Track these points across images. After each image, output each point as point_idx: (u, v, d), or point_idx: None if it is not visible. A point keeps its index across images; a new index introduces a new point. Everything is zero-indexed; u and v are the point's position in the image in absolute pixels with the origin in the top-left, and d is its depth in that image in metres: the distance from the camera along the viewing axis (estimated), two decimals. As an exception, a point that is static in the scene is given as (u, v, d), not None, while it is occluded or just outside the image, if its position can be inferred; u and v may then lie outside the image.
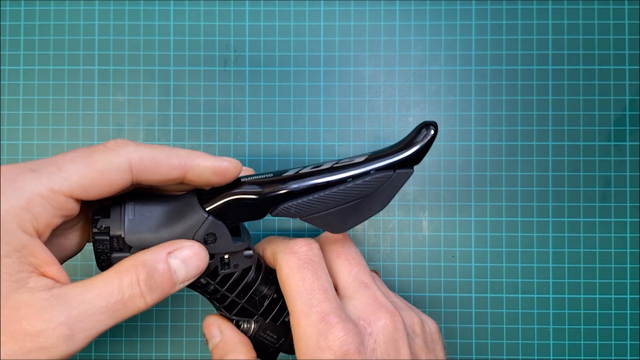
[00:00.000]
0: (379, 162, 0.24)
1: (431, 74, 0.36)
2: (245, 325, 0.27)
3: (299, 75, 0.36)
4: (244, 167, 0.27)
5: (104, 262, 0.24)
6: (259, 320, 0.27)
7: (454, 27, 0.36)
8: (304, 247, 0.25)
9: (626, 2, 0.35)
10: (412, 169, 0.25)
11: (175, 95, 0.36)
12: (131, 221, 0.23)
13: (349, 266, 0.26)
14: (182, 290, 0.35)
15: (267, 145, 0.36)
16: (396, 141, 0.25)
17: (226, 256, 0.25)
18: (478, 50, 0.36)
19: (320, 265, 0.25)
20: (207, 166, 0.23)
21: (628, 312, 0.35)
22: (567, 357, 0.35)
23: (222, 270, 0.25)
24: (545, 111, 0.35)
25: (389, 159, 0.24)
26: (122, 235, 0.23)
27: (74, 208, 0.22)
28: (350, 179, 0.24)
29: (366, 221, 0.35)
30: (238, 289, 0.26)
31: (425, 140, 0.24)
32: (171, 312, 0.35)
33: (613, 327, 0.35)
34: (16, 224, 0.20)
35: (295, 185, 0.24)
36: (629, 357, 0.35)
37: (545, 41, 0.35)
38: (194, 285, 0.26)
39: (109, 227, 0.23)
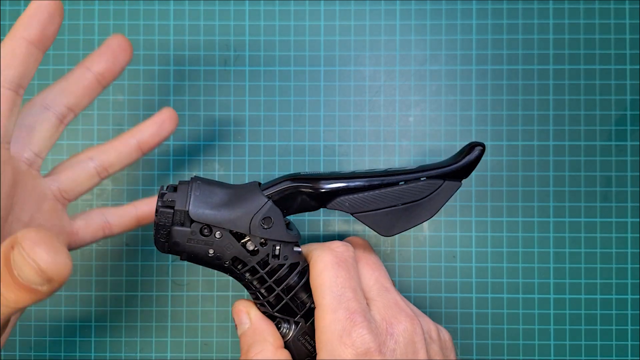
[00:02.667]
0: (431, 171, 0.26)
1: (432, 74, 0.36)
2: (285, 327, 0.27)
3: (299, 75, 0.36)
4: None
5: (162, 238, 0.25)
6: (299, 322, 0.27)
7: (454, 26, 0.36)
8: (341, 247, 0.26)
9: (627, 1, 0.35)
10: (461, 182, 0.27)
11: (175, 95, 0.36)
12: (197, 197, 0.25)
13: (370, 270, 0.27)
14: (181, 290, 0.35)
15: (267, 145, 0.36)
16: (396, 141, 0.26)
17: (277, 247, 0.26)
18: (479, 50, 0.36)
19: (353, 267, 0.26)
20: (149, 136, 0.29)
21: (629, 312, 0.35)
22: (568, 358, 0.35)
23: (273, 260, 0.26)
24: (546, 111, 0.35)
25: (439, 169, 0.26)
26: (186, 209, 0.25)
27: None
28: (403, 182, 0.26)
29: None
30: (282, 286, 0.26)
31: (473, 156, 0.26)
32: (171, 313, 0.35)
33: (614, 327, 0.35)
34: None
35: (351, 182, 0.26)
36: (629, 358, 0.35)
37: (546, 41, 0.35)
38: (242, 276, 0.27)
39: (174, 202, 0.25)
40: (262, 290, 0.27)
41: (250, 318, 0.27)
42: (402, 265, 0.35)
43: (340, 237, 0.35)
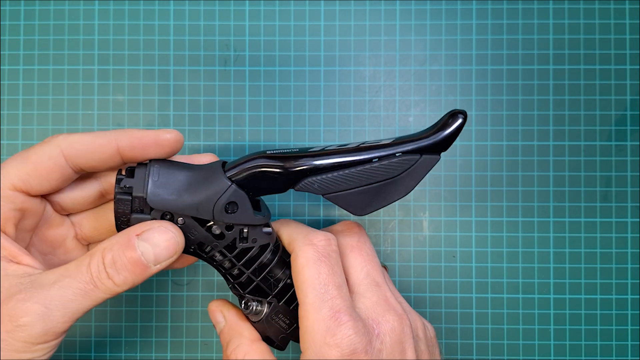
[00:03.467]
0: (406, 145, 0.24)
1: (432, 74, 0.36)
2: (257, 307, 0.26)
3: (299, 75, 0.36)
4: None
5: (123, 224, 0.24)
6: (272, 302, 0.26)
7: (454, 26, 0.36)
8: (323, 241, 0.25)
9: (627, 1, 0.35)
10: (439, 155, 0.24)
11: (175, 95, 0.36)
12: (155, 183, 0.24)
13: (362, 262, 0.26)
14: (181, 290, 0.35)
15: (267, 145, 0.36)
16: None
17: (245, 230, 0.25)
18: (479, 50, 0.36)
19: (337, 262, 0.25)
20: (135, 140, 0.24)
21: (629, 312, 0.35)
22: (567, 358, 0.35)
23: (240, 244, 0.25)
24: (546, 111, 0.35)
25: (416, 143, 0.24)
26: (144, 197, 0.23)
27: (27, 201, 0.24)
28: (376, 160, 0.24)
29: (366, 220, 0.35)
30: (254, 267, 0.25)
31: (453, 127, 0.24)
32: (171, 313, 0.35)
33: (614, 327, 0.35)
34: None
35: (320, 161, 0.24)
36: (629, 358, 0.35)
37: (546, 41, 0.35)
38: (211, 259, 0.26)
39: (132, 188, 0.24)
40: (233, 272, 0.26)
41: (224, 316, 0.27)
42: (402, 266, 0.35)
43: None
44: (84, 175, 0.27)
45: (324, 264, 0.24)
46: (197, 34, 0.36)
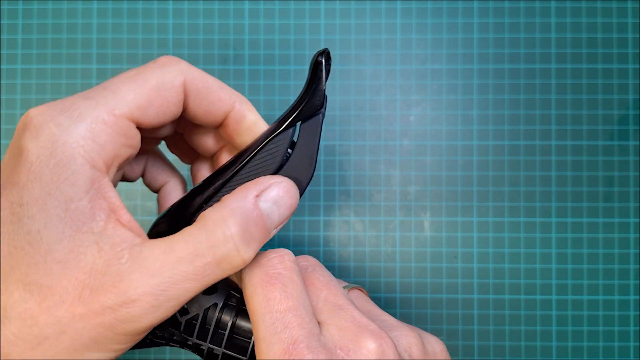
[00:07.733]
0: (275, 125, 0.21)
1: (433, 73, 0.35)
2: None
3: (300, 74, 0.35)
4: None
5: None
6: None
7: (455, 25, 0.35)
8: (274, 259, 0.21)
9: (629, 0, 0.35)
10: (320, 113, 0.21)
11: (174, 95, 0.35)
12: None
13: (315, 291, 0.22)
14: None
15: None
16: (397, 141, 0.24)
17: None
18: (480, 49, 0.35)
19: (291, 281, 0.20)
20: (251, 122, 0.21)
21: (631, 313, 0.35)
22: (570, 359, 0.35)
23: (183, 317, 0.21)
24: (547, 110, 0.35)
25: (283, 115, 0.21)
26: None
27: (136, 138, 0.19)
28: (242, 163, 0.20)
29: (367, 221, 0.35)
30: (210, 334, 0.22)
31: (323, 74, 0.21)
32: (170, 314, 0.35)
33: (616, 328, 0.35)
34: (82, 157, 0.16)
35: (198, 195, 0.21)
36: (631, 359, 0.35)
37: (547, 40, 0.35)
38: (172, 340, 0.22)
39: None
40: (195, 348, 0.22)
41: None
42: (402, 266, 0.35)
43: (340, 239, 0.35)
44: None
45: (275, 287, 0.20)
46: (196, 32, 0.36)
